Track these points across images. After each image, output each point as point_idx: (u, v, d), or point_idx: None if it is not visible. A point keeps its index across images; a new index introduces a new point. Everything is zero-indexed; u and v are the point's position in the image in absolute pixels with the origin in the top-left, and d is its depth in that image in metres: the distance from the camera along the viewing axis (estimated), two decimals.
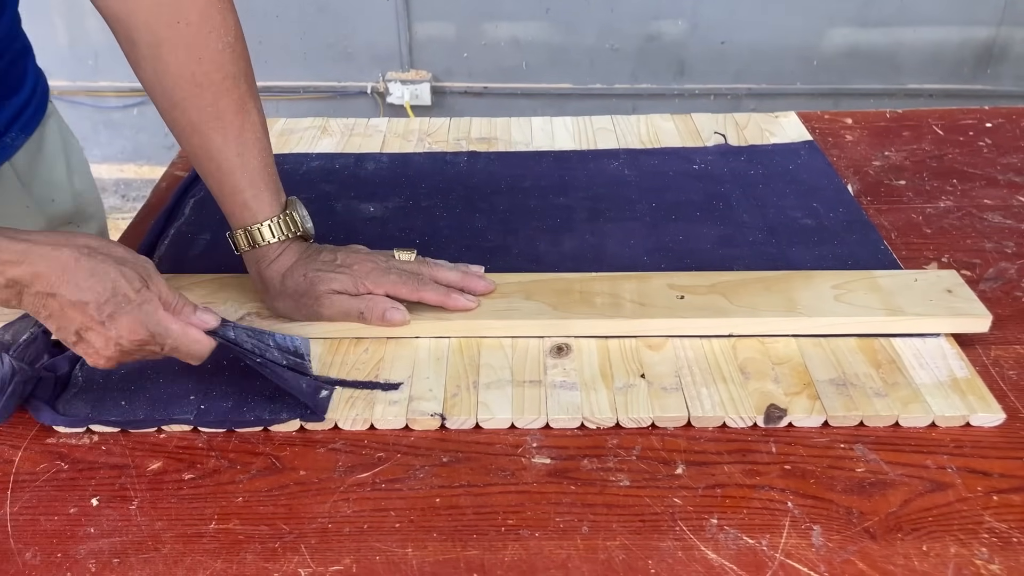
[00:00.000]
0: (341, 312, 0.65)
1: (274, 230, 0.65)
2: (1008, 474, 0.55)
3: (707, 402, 0.59)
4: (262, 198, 0.65)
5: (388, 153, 0.95)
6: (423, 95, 2.34)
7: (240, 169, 0.64)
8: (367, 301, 0.65)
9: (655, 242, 0.77)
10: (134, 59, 0.64)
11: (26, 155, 0.79)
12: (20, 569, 0.50)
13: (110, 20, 0.63)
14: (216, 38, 0.62)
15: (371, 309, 0.65)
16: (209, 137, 0.63)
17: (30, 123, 0.80)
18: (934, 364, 0.62)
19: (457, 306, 0.66)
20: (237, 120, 0.64)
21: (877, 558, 0.49)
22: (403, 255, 0.68)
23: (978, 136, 0.98)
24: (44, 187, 0.82)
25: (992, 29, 2.12)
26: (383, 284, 0.65)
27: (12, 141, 0.77)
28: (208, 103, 0.63)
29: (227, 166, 0.64)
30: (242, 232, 0.65)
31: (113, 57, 2.35)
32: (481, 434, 0.59)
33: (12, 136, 0.77)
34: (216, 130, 0.63)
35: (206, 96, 0.62)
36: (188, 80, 0.62)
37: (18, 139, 0.78)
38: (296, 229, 0.65)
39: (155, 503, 0.54)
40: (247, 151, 0.64)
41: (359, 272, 0.65)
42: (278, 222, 0.65)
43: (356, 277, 0.65)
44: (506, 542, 0.51)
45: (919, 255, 0.77)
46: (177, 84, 0.63)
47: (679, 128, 0.99)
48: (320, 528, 0.52)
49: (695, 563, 0.49)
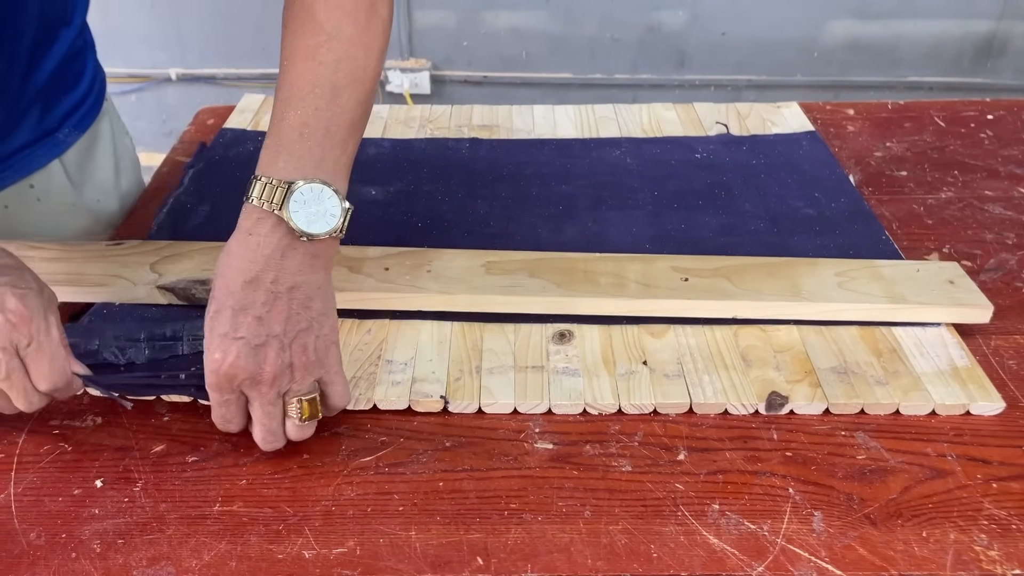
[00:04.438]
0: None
1: (254, 188, 0.53)
2: (1007, 462, 0.55)
3: (709, 389, 0.59)
4: (275, 153, 0.54)
5: (390, 138, 0.95)
6: (422, 84, 2.33)
7: (276, 115, 0.55)
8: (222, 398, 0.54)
9: (657, 230, 0.77)
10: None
11: (77, 153, 0.79)
12: (25, 549, 0.50)
13: None
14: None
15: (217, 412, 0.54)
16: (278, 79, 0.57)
17: (84, 120, 0.79)
18: (935, 353, 0.63)
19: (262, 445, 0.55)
20: (300, 65, 0.56)
21: (877, 544, 0.50)
22: (303, 405, 0.54)
23: (979, 128, 0.98)
24: (92, 187, 0.81)
25: (992, 23, 2.12)
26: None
27: (65, 137, 0.77)
28: (287, 43, 0.57)
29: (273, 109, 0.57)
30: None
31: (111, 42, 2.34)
32: (484, 419, 0.59)
33: (65, 132, 0.77)
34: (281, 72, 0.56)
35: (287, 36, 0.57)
36: (284, 20, 0.57)
37: (71, 136, 0.77)
38: (276, 207, 0.52)
39: (159, 485, 0.54)
40: (292, 100, 0.55)
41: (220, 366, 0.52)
42: (265, 184, 0.53)
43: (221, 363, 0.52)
44: (509, 526, 0.51)
45: (920, 245, 0.77)
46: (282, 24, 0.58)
47: (681, 117, 0.99)
48: (324, 511, 0.52)
49: (697, 548, 0.50)
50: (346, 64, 0.56)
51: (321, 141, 0.55)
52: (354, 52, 0.56)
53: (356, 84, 0.56)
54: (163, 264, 0.69)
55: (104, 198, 0.83)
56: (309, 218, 0.53)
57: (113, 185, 0.84)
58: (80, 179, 0.80)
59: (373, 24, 0.58)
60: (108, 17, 2.29)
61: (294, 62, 0.56)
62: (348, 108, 0.56)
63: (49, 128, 0.75)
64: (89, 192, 0.81)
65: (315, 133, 0.55)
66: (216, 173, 0.86)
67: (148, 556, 0.49)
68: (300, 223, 0.53)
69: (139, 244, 0.72)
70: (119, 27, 2.31)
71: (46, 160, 0.76)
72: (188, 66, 2.34)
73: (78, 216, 0.80)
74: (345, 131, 0.56)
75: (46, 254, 0.70)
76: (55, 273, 0.67)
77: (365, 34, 0.57)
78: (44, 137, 0.75)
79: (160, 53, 2.33)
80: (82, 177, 0.80)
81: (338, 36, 0.56)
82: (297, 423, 0.54)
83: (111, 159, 0.84)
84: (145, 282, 0.66)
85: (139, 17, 2.29)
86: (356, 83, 0.56)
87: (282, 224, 0.53)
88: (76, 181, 0.79)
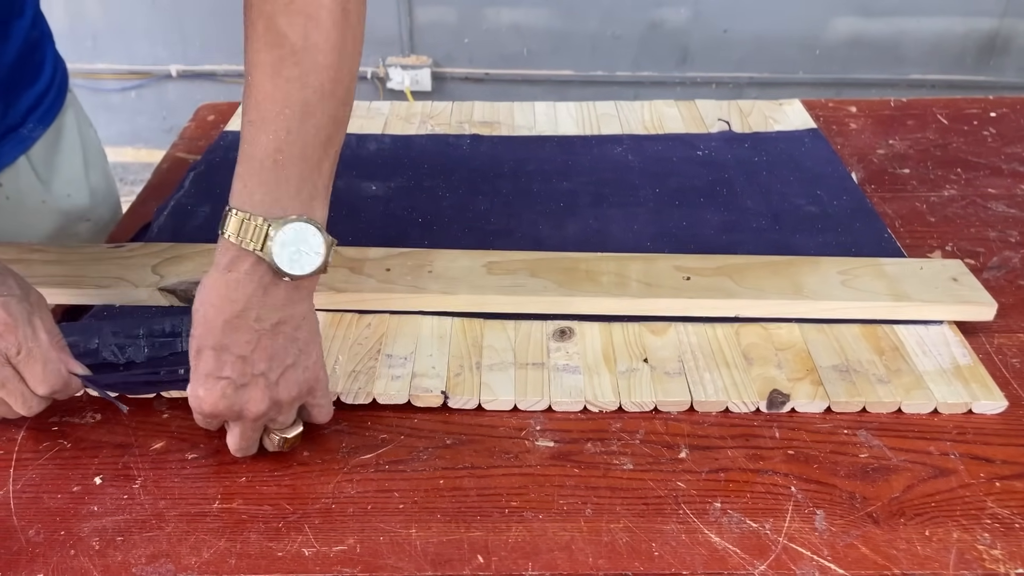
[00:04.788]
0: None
1: (229, 224, 0.50)
2: (1011, 460, 0.55)
3: (710, 387, 0.59)
4: (250, 183, 0.51)
5: (391, 134, 0.95)
6: (423, 81, 2.33)
7: (247, 139, 0.51)
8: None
9: (658, 227, 0.77)
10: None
11: (43, 147, 0.77)
12: (23, 546, 0.50)
13: None
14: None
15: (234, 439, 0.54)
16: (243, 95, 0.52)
17: (48, 114, 0.77)
18: (937, 351, 0.62)
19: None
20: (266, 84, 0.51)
21: (880, 542, 0.49)
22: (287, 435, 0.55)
23: (982, 125, 0.97)
24: (61, 182, 0.80)
25: (996, 20, 2.11)
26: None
27: (29, 133, 0.75)
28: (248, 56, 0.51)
29: (242, 131, 0.52)
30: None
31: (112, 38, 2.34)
32: (484, 417, 0.59)
33: (29, 128, 0.75)
34: (246, 87, 0.52)
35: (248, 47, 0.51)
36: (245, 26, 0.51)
37: (36, 131, 0.76)
38: (257, 247, 0.49)
39: (158, 482, 0.54)
40: (261, 124, 0.51)
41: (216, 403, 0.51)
42: (243, 220, 0.49)
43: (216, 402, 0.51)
44: (510, 523, 0.51)
45: (923, 243, 0.77)
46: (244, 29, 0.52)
47: (683, 115, 0.99)
48: (324, 508, 0.52)
49: (699, 546, 0.49)
50: (315, 77, 0.51)
51: (298, 168, 0.51)
52: (323, 62, 0.51)
53: (329, 98, 0.51)
54: (164, 266, 0.68)
55: (74, 192, 0.81)
56: (292, 258, 0.50)
57: (83, 179, 0.83)
58: (48, 175, 0.78)
59: (342, 28, 0.51)
60: (109, 13, 2.29)
61: (259, 79, 0.50)
62: (322, 126, 0.52)
63: (12, 124, 0.74)
64: (58, 187, 0.79)
65: (290, 159, 0.50)
66: (217, 175, 0.85)
67: (147, 553, 0.49)
68: (283, 265, 0.50)
69: (140, 246, 0.71)
70: (120, 23, 2.31)
71: (12, 157, 0.74)
72: (189, 62, 2.33)
73: (48, 212, 0.79)
74: (320, 151, 0.52)
75: (47, 256, 0.69)
76: (56, 276, 0.66)
77: (334, 40, 0.51)
78: (8, 134, 0.74)
79: (161, 49, 2.33)
80: (49, 173, 0.78)
81: (304, 47, 0.50)
82: (273, 450, 0.55)
83: (79, 152, 0.82)
84: (147, 284, 0.66)
85: (140, 13, 2.29)
86: (328, 97, 0.51)
87: (262, 263, 0.50)
88: (44, 177, 0.78)
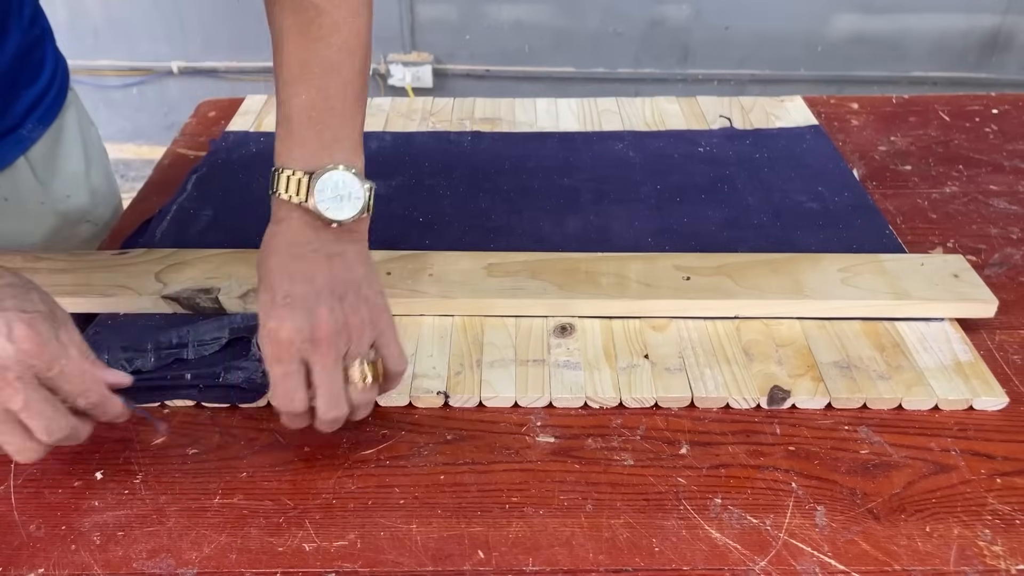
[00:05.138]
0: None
1: (279, 182, 0.54)
2: (1011, 457, 0.55)
3: (711, 383, 0.59)
4: (289, 143, 0.55)
5: (391, 132, 0.95)
6: (425, 77, 2.33)
7: (282, 101, 0.55)
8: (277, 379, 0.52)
9: (660, 224, 0.77)
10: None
11: (43, 148, 0.76)
12: (24, 541, 0.50)
13: None
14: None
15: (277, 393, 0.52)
16: (273, 61, 0.57)
17: (48, 113, 0.76)
18: (938, 348, 0.62)
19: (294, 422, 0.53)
20: (296, 47, 0.55)
21: (881, 538, 0.49)
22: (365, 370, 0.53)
23: (984, 122, 0.97)
24: (61, 182, 0.79)
25: (998, 17, 2.11)
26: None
27: (29, 133, 0.74)
28: (276, 21, 0.56)
29: (277, 95, 0.57)
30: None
31: (113, 35, 2.34)
32: (485, 412, 0.59)
33: (29, 128, 0.74)
34: (276, 53, 0.56)
35: (276, 13, 0.56)
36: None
37: (35, 131, 0.74)
38: (302, 199, 0.53)
39: (159, 477, 0.54)
40: (295, 84, 0.55)
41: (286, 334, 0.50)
42: (288, 177, 0.53)
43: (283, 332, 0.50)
44: (510, 519, 0.51)
45: (924, 240, 0.76)
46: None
47: (684, 111, 0.99)
48: (324, 504, 0.52)
49: (699, 542, 0.49)
50: (339, 36, 0.55)
51: (330, 122, 0.54)
52: (345, 22, 0.55)
53: (353, 55, 0.56)
54: (168, 273, 0.68)
55: (74, 193, 0.80)
56: (335, 205, 0.53)
57: (83, 179, 0.81)
58: (47, 176, 0.77)
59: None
60: (110, 9, 2.29)
61: (287, 41, 0.55)
62: (349, 81, 0.56)
63: (11, 125, 0.72)
64: (58, 188, 0.78)
65: (322, 115, 0.54)
66: (219, 177, 0.85)
67: (148, 548, 0.49)
68: (328, 212, 0.53)
69: (144, 253, 0.71)
70: (121, 19, 2.30)
71: (11, 159, 0.73)
72: (190, 59, 2.33)
73: (47, 214, 0.77)
74: (351, 105, 0.56)
75: (53, 265, 0.69)
76: (61, 284, 0.66)
77: (352, 1, 0.56)
78: (7, 135, 0.72)
79: (162, 46, 2.33)
80: (49, 174, 0.77)
81: (326, 8, 0.55)
82: (360, 387, 0.52)
83: (80, 151, 0.81)
84: (150, 292, 0.66)
85: (141, 9, 2.29)
86: (352, 54, 0.56)
87: (309, 213, 0.53)
88: (43, 179, 0.76)
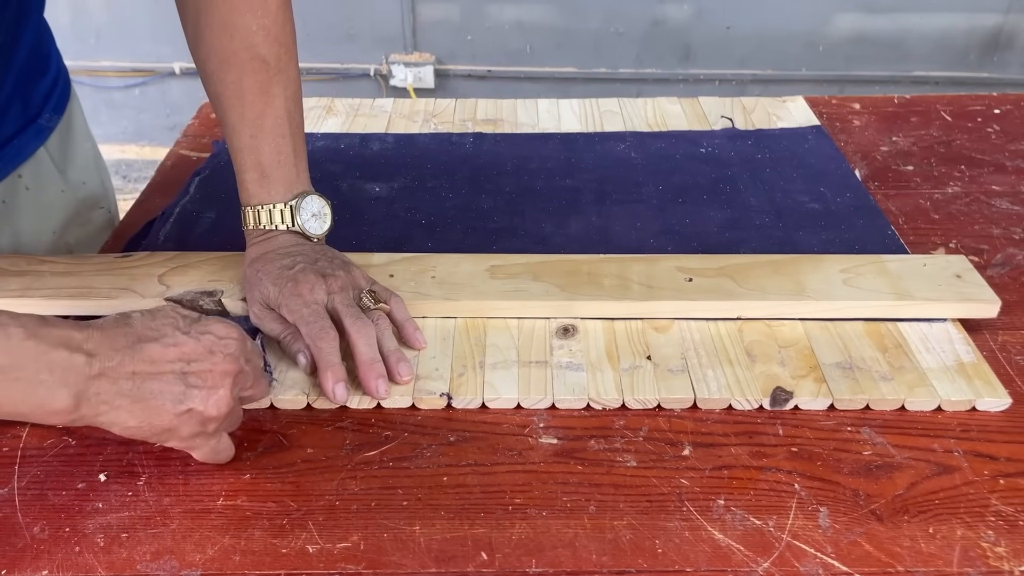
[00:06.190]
0: (270, 331, 0.62)
1: (262, 216, 0.64)
2: (1015, 458, 0.55)
3: (713, 384, 0.59)
4: (264, 184, 0.64)
5: (393, 133, 0.95)
6: (426, 78, 2.33)
7: (249, 151, 0.64)
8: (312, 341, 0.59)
9: (662, 224, 0.77)
10: (182, 21, 0.66)
11: (59, 137, 0.79)
12: (28, 543, 0.50)
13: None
14: (252, 18, 0.62)
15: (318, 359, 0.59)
16: (227, 114, 0.64)
17: (60, 102, 0.79)
18: (940, 349, 0.62)
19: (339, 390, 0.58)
20: (258, 103, 0.63)
21: (884, 540, 0.49)
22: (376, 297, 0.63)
23: (986, 122, 0.97)
24: (75, 170, 0.82)
25: (999, 16, 2.11)
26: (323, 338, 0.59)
27: (47, 123, 0.77)
28: (232, 80, 0.63)
29: (238, 144, 0.64)
30: (244, 209, 0.66)
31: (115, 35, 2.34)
32: (488, 414, 0.59)
33: (47, 117, 0.77)
34: (234, 108, 0.64)
35: (231, 73, 0.63)
36: (218, 54, 0.63)
37: (52, 120, 0.77)
38: (289, 224, 0.64)
39: (163, 479, 0.54)
40: (261, 136, 0.64)
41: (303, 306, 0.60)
42: (269, 210, 0.64)
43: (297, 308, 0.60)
44: (513, 520, 0.51)
45: (926, 240, 0.76)
46: (209, 56, 0.64)
47: (686, 112, 0.99)
48: (328, 505, 0.52)
49: (702, 543, 0.49)
50: (290, 88, 0.65)
51: (293, 161, 0.65)
52: (292, 75, 0.65)
53: (297, 100, 0.66)
54: (170, 276, 0.68)
55: (88, 179, 0.84)
56: (314, 223, 0.65)
57: (95, 166, 0.85)
58: (63, 164, 0.80)
59: (295, 41, 0.66)
60: (112, 10, 2.29)
61: (250, 101, 0.63)
62: (298, 122, 0.66)
63: (32, 114, 0.75)
64: (74, 175, 0.81)
65: (288, 157, 0.65)
66: (222, 179, 0.86)
67: (152, 550, 0.49)
68: (313, 230, 0.65)
69: (147, 255, 0.71)
70: (123, 20, 2.31)
71: (33, 148, 0.76)
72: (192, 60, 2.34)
73: (66, 202, 0.80)
74: (301, 141, 0.66)
75: (56, 268, 0.69)
76: (65, 287, 0.66)
77: (294, 53, 0.66)
78: (28, 124, 0.75)
79: (164, 46, 2.33)
80: (65, 162, 0.80)
81: (280, 67, 0.64)
82: (376, 316, 0.61)
83: (89, 139, 0.85)
84: (153, 295, 0.66)
85: (143, 10, 2.29)
86: (297, 99, 0.66)
87: (290, 234, 0.65)
88: (61, 167, 0.79)
